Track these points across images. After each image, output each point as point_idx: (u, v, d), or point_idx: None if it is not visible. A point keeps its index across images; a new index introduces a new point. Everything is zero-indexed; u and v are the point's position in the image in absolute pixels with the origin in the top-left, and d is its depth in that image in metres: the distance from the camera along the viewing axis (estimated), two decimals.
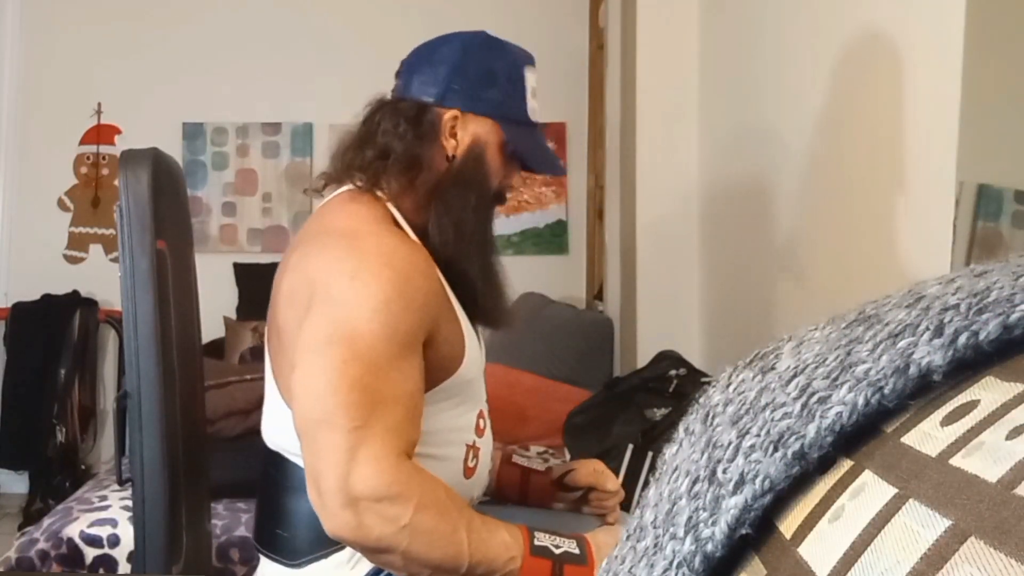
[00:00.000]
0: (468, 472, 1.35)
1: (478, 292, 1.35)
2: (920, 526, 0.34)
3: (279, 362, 1.31)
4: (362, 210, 1.31)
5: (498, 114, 1.36)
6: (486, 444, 1.40)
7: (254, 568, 2.36)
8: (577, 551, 1.20)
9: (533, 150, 1.41)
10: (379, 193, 1.35)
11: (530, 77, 1.40)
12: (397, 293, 1.19)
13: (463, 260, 1.33)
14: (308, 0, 4.91)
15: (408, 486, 1.15)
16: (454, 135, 1.35)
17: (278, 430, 1.34)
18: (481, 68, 1.36)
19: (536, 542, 1.19)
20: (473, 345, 1.35)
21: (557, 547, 1.20)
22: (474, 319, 1.39)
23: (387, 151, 1.33)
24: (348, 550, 1.28)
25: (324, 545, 1.28)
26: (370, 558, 1.21)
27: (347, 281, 1.19)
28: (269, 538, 1.36)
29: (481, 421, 1.38)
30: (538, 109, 1.42)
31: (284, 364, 1.28)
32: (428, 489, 1.17)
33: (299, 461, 1.28)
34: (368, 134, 1.37)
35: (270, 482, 1.37)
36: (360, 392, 1.15)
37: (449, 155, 1.35)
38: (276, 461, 1.35)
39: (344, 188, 1.38)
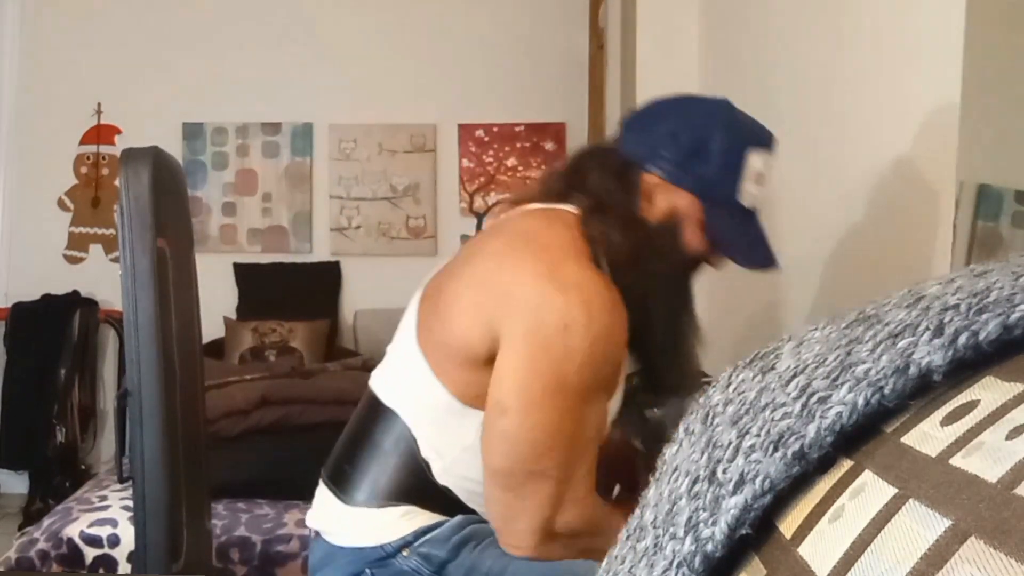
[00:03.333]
0: None
1: (654, 365, 1.34)
2: (920, 526, 0.34)
3: (436, 343, 1.29)
4: (568, 236, 1.27)
5: (701, 191, 1.28)
6: None
7: (254, 568, 2.37)
8: None
9: (735, 238, 1.33)
10: (591, 243, 1.29)
11: (755, 160, 1.30)
12: (603, 345, 1.22)
13: (645, 330, 1.29)
14: (309, 0, 4.91)
15: (597, 520, 1.26)
16: (651, 199, 1.30)
17: (406, 397, 1.33)
18: (695, 140, 1.28)
19: None
20: (618, 394, 1.34)
21: None
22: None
23: (599, 201, 1.30)
24: (403, 508, 1.30)
25: (381, 500, 1.31)
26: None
27: (559, 332, 1.19)
28: (336, 470, 1.37)
29: None
30: (760, 196, 1.32)
31: (445, 348, 1.27)
32: (598, 514, 1.27)
33: (408, 423, 1.30)
34: (576, 176, 1.34)
35: (364, 423, 1.37)
36: (571, 445, 1.23)
37: (644, 218, 1.31)
38: (383, 413, 1.34)
39: (557, 205, 1.33)
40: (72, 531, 2.32)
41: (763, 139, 1.33)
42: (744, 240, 1.35)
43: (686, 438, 0.51)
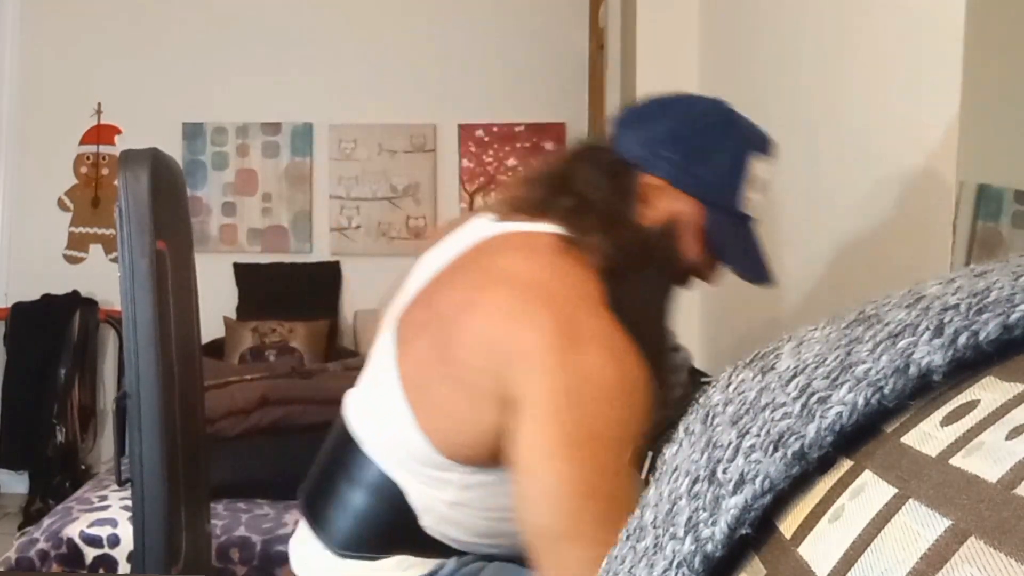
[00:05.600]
0: None
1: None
2: (920, 526, 0.34)
3: (429, 401, 1.16)
4: (576, 277, 1.13)
5: (704, 195, 1.21)
6: None
7: (254, 568, 2.37)
8: None
9: (735, 245, 1.26)
10: (585, 253, 1.15)
11: (756, 166, 1.24)
12: (635, 399, 1.09)
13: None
14: (308, 0, 4.91)
15: None
16: (649, 203, 1.21)
17: (388, 445, 1.20)
18: (699, 142, 1.22)
19: None
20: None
21: None
22: None
23: (585, 200, 1.18)
24: (395, 559, 1.21)
25: (369, 549, 1.21)
26: None
27: (584, 384, 1.07)
28: (316, 507, 1.27)
29: None
30: (759, 204, 1.26)
31: (439, 407, 1.14)
32: None
33: (389, 473, 1.19)
34: (565, 177, 1.22)
35: (338, 463, 1.26)
36: (607, 502, 1.07)
37: (637, 222, 1.20)
38: (354, 451, 1.23)
39: (539, 226, 1.19)
40: (72, 531, 2.32)
41: (765, 144, 1.28)
42: (745, 249, 1.29)
43: (686, 438, 0.51)
